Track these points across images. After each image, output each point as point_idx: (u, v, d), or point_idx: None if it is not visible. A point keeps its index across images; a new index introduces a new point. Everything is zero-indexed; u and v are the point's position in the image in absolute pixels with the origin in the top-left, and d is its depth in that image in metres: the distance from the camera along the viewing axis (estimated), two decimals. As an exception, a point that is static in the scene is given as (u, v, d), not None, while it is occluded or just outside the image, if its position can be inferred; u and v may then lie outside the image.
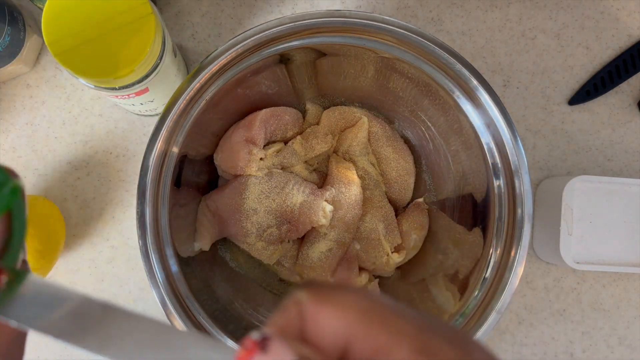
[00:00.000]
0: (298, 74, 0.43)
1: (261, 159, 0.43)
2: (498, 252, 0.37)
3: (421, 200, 0.47)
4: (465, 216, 0.42)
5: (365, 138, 0.45)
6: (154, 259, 0.36)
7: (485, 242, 0.39)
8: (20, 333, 0.21)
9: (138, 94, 0.39)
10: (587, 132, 0.51)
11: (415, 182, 0.47)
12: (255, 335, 0.16)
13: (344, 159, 0.46)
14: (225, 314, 0.40)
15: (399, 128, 0.47)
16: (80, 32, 0.34)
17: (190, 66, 0.49)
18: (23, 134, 0.49)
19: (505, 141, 0.37)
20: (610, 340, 0.50)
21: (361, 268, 0.46)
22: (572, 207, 0.46)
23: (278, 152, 0.45)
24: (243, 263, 0.47)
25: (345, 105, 0.47)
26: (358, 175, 0.45)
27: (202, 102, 0.37)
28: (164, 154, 0.37)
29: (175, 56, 0.42)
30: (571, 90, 0.51)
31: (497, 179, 0.38)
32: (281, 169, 0.45)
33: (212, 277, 0.43)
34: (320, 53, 0.40)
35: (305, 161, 0.46)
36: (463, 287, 0.39)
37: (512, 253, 0.37)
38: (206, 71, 0.37)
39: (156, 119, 0.36)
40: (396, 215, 0.46)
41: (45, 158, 0.49)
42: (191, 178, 0.42)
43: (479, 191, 0.40)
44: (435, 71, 0.38)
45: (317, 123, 0.47)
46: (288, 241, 0.45)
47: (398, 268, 0.47)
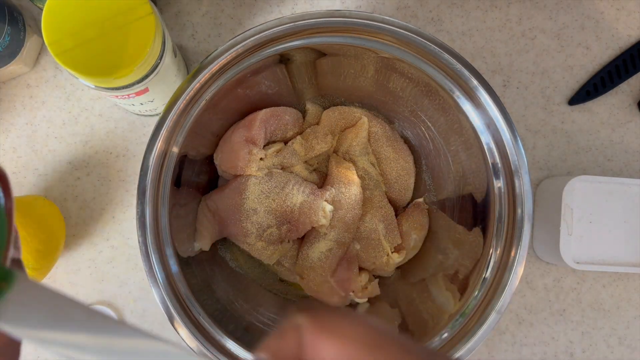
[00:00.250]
0: (298, 74, 0.43)
1: (261, 159, 0.43)
2: (498, 252, 0.37)
3: (421, 200, 0.47)
4: (465, 216, 0.42)
5: (365, 138, 0.45)
6: (154, 259, 0.36)
7: (485, 242, 0.39)
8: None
9: (138, 94, 0.39)
10: (587, 132, 0.51)
11: (415, 182, 0.47)
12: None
13: (344, 159, 0.46)
14: (225, 314, 0.40)
15: (399, 128, 0.47)
16: (80, 32, 0.34)
17: (190, 66, 0.49)
18: (23, 134, 0.49)
19: (505, 141, 0.37)
20: (610, 340, 0.50)
21: (361, 268, 0.46)
22: (572, 207, 0.46)
23: (278, 152, 0.45)
24: (243, 263, 0.47)
25: (345, 105, 0.47)
26: (358, 175, 0.45)
27: (202, 102, 0.37)
28: (164, 154, 0.37)
29: (175, 56, 0.42)
30: (571, 90, 0.51)
31: (497, 179, 0.38)
32: (281, 169, 0.45)
33: (212, 277, 0.43)
34: (320, 53, 0.40)
35: (305, 161, 0.46)
36: (463, 287, 0.39)
37: (512, 253, 0.37)
38: (206, 71, 0.37)
39: (156, 119, 0.36)
40: (396, 215, 0.46)
41: (45, 158, 0.49)
42: (191, 178, 0.42)
43: (479, 191, 0.40)
44: (435, 71, 0.38)
45: (317, 123, 0.47)
46: (288, 241, 0.45)
47: (398, 268, 0.47)
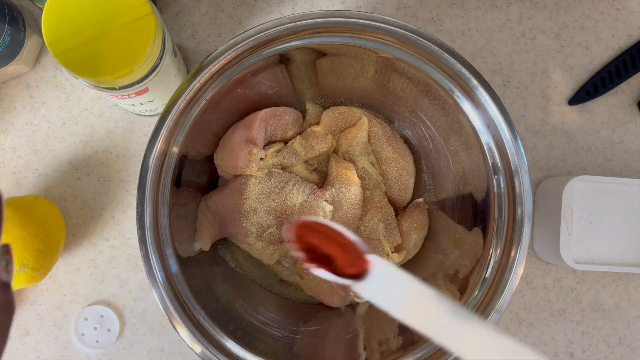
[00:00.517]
0: (298, 74, 0.43)
1: (261, 159, 0.43)
2: (498, 252, 0.37)
3: (421, 200, 0.47)
4: (465, 216, 0.42)
5: (365, 138, 0.45)
6: (154, 259, 0.36)
7: (485, 242, 0.39)
8: (4, 321, 0.21)
9: (138, 94, 0.39)
10: (587, 132, 0.51)
11: (415, 182, 0.47)
12: None
13: (344, 159, 0.46)
14: (225, 314, 0.40)
15: (399, 128, 0.47)
16: (80, 32, 0.34)
17: (190, 66, 0.49)
18: (23, 134, 0.49)
19: (505, 141, 0.37)
20: (610, 340, 0.50)
21: (361, 268, 0.46)
22: (572, 207, 0.46)
23: (278, 152, 0.45)
24: (243, 263, 0.47)
25: (345, 105, 0.47)
26: (358, 175, 0.45)
27: (202, 102, 0.37)
28: (164, 154, 0.37)
29: (175, 56, 0.42)
30: (571, 90, 0.51)
31: (497, 179, 0.38)
32: (281, 169, 0.45)
33: (212, 277, 0.43)
34: (320, 53, 0.40)
35: (305, 161, 0.46)
36: (463, 287, 0.39)
37: (512, 253, 0.37)
38: (206, 71, 0.36)
39: (156, 119, 0.36)
40: (396, 215, 0.46)
41: (45, 158, 0.49)
42: (191, 178, 0.42)
43: (479, 191, 0.40)
44: (435, 71, 0.38)
45: (317, 123, 0.47)
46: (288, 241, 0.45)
47: (398, 268, 0.47)
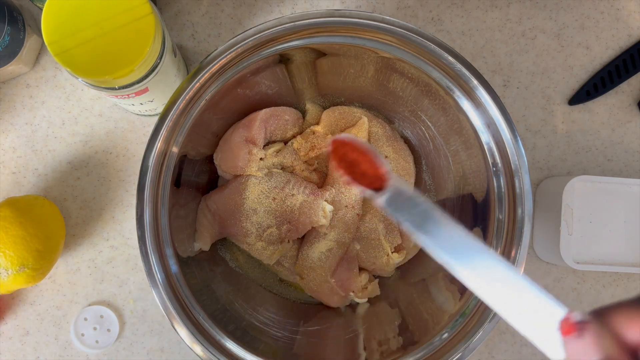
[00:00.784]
0: (298, 74, 0.43)
1: (261, 159, 0.43)
2: (498, 252, 0.37)
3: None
4: (465, 216, 0.42)
5: (365, 138, 0.45)
6: (154, 259, 0.36)
7: (485, 242, 0.39)
8: None
9: (138, 94, 0.39)
10: (587, 132, 0.51)
11: (415, 182, 0.47)
12: (576, 316, 0.19)
13: (344, 159, 0.46)
14: (225, 314, 0.40)
15: (399, 128, 0.47)
16: (80, 32, 0.34)
17: (190, 66, 0.49)
18: (23, 134, 0.49)
19: (505, 141, 0.37)
20: (610, 340, 0.50)
21: (361, 268, 0.46)
22: (572, 207, 0.46)
23: (278, 152, 0.45)
24: (243, 263, 0.47)
25: (345, 105, 0.47)
26: (358, 175, 0.45)
27: (202, 102, 0.37)
28: (164, 154, 0.37)
29: (175, 56, 0.42)
30: (571, 90, 0.51)
31: (497, 179, 0.38)
32: (281, 169, 0.45)
33: (212, 277, 0.43)
34: (320, 53, 0.40)
35: (305, 161, 0.46)
36: (463, 287, 0.39)
37: (512, 253, 0.37)
38: (206, 71, 0.36)
39: (156, 119, 0.36)
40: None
41: (45, 158, 0.49)
42: (191, 178, 0.42)
43: (479, 191, 0.40)
44: (435, 71, 0.38)
45: (317, 123, 0.47)
46: (288, 241, 0.45)
47: (398, 268, 0.47)
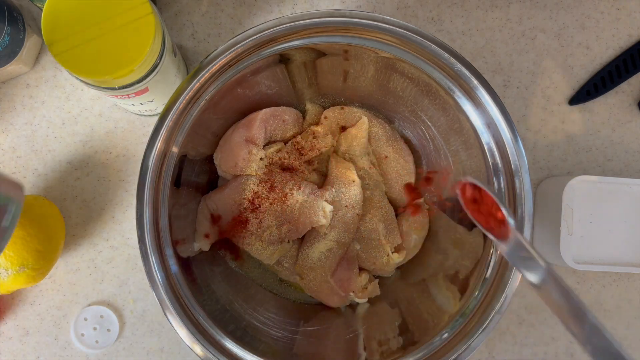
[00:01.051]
0: (298, 74, 0.43)
1: (261, 159, 0.43)
2: (498, 252, 0.37)
3: (421, 200, 0.47)
4: (465, 216, 0.42)
5: (365, 138, 0.45)
6: (154, 259, 0.36)
7: (485, 243, 0.39)
8: None
9: (138, 94, 0.39)
10: (587, 132, 0.51)
11: (415, 182, 0.47)
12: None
13: (344, 159, 0.46)
14: (225, 314, 0.40)
15: (399, 128, 0.47)
16: (80, 32, 0.34)
17: (190, 66, 0.49)
18: (22, 134, 0.49)
19: (505, 141, 0.37)
20: (610, 340, 0.50)
21: (361, 268, 0.46)
22: (572, 207, 0.46)
23: (278, 152, 0.45)
24: (243, 263, 0.47)
25: (345, 105, 0.47)
26: (358, 175, 0.45)
27: (202, 102, 0.37)
28: (164, 154, 0.37)
29: (175, 56, 0.42)
30: (571, 90, 0.51)
31: (497, 179, 0.38)
32: (281, 169, 0.45)
33: (212, 277, 0.43)
34: (320, 53, 0.40)
35: (305, 161, 0.46)
36: (463, 288, 0.39)
37: (512, 253, 0.37)
38: (206, 71, 0.36)
39: (156, 119, 0.36)
40: (396, 215, 0.46)
41: (44, 158, 0.49)
42: (191, 178, 0.42)
43: (479, 191, 0.40)
44: (435, 71, 0.38)
45: (317, 123, 0.47)
46: (288, 241, 0.45)
47: (398, 268, 0.47)
